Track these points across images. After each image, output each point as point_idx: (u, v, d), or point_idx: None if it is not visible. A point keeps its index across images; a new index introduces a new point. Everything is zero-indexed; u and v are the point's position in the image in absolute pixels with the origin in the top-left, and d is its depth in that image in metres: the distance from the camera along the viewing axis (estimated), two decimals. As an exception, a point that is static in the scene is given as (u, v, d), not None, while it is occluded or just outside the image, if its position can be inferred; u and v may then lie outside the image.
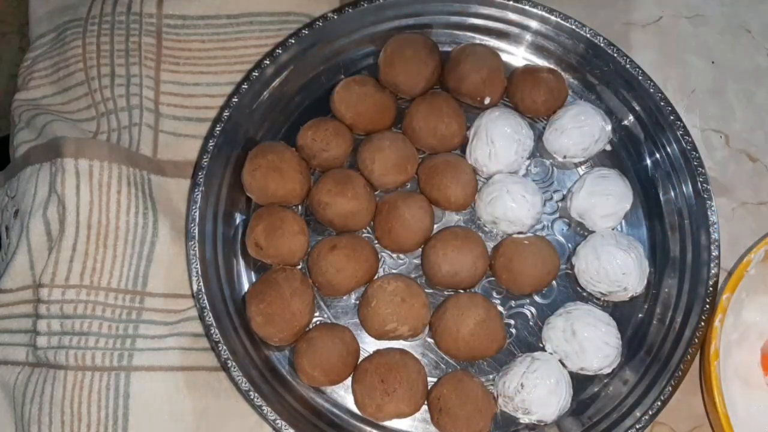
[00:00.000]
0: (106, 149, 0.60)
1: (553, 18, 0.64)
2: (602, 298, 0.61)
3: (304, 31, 0.62)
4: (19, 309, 0.59)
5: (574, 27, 0.64)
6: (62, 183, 0.58)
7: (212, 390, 0.57)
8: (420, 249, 0.61)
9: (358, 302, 0.60)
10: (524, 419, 0.57)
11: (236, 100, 0.61)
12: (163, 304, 0.59)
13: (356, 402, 0.57)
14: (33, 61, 0.67)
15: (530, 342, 0.60)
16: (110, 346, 0.56)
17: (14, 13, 1.27)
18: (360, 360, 0.58)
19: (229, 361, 0.54)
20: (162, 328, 0.58)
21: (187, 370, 0.57)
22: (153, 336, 0.57)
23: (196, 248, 0.57)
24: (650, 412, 0.55)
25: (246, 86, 0.61)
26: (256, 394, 0.54)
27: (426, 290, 0.59)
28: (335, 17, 0.63)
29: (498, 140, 0.61)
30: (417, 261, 0.61)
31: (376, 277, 0.60)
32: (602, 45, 0.63)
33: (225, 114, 0.60)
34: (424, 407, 0.57)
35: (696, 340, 0.56)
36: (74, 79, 0.65)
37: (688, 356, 0.56)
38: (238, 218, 0.62)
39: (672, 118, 0.61)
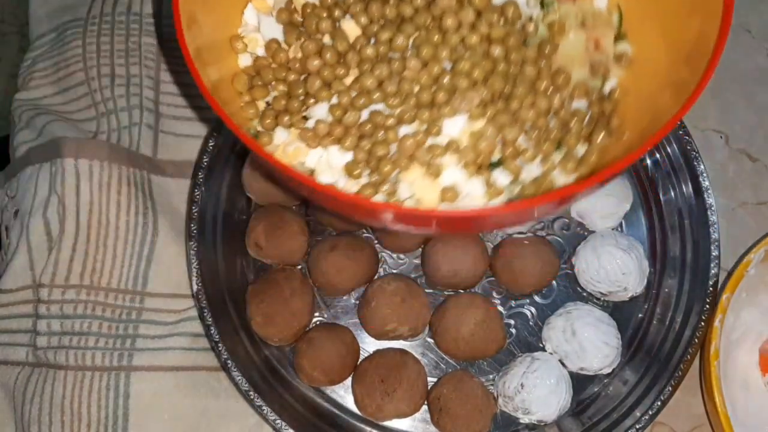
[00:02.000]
0: (106, 149, 0.60)
1: (553, 18, 0.64)
2: (602, 298, 0.61)
3: (304, 31, 0.62)
4: (19, 309, 0.59)
5: (574, 27, 0.64)
6: (62, 183, 0.58)
7: (212, 390, 0.57)
8: (420, 249, 0.61)
9: (358, 302, 0.60)
10: (524, 419, 0.57)
11: (236, 100, 0.61)
12: (163, 304, 0.59)
13: (356, 402, 0.57)
14: (33, 61, 0.67)
15: (530, 342, 0.60)
16: (110, 346, 0.56)
17: (14, 13, 1.27)
18: (360, 360, 0.58)
19: (229, 361, 0.54)
20: (162, 328, 0.58)
21: (187, 370, 0.57)
22: (153, 336, 0.57)
23: (196, 248, 0.57)
24: (650, 412, 0.55)
25: (246, 86, 0.61)
26: (256, 394, 0.54)
27: (426, 290, 0.59)
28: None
29: None
30: (417, 261, 0.61)
31: (376, 277, 0.60)
32: (602, 45, 0.63)
33: (225, 114, 0.60)
34: (424, 407, 0.57)
35: (696, 340, 0.56)
36: (74, 79, 0.65)
37: (688, 356, 0.56)
38: (238, 218, 0.62)
39: (672, 118, 0.61)
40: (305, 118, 0.48)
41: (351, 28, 0.48)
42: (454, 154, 0.46)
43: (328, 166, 0.47)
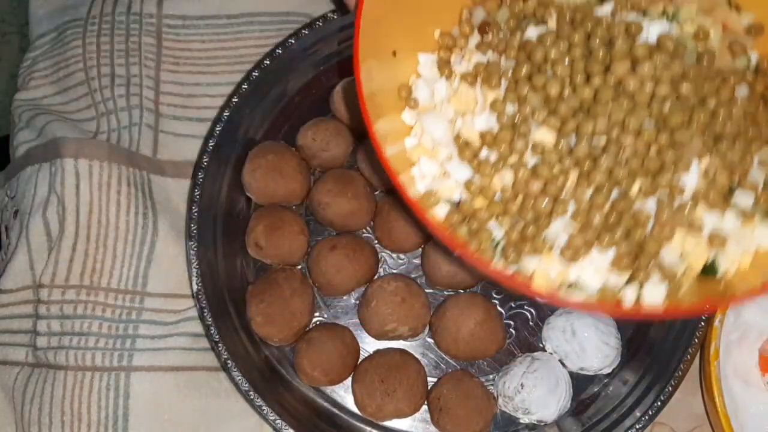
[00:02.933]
0: (105, 149, 0.60)
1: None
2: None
3: (304, 31, 0.62)
4: (19, 309, 0.59)
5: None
6: (62, 183, 0.58)
7: (212, 390, 0.57)
8: (420, 249, 0.61)
9: (358, 302, 0.60)
10: (524, 419, 0.57)
11: (236, 100, 0.61)
12: (163, 304, 0.59)
13: (356, 402, 0.57)
14: (33, 61, 0.67)
15: (530, 342, 0.60)
16: (110, 346, 0.57)
17: (14, 13, 1.27)
18: (360, 360, 0.58)
19: (229, 361, 0.54)
20: (162, 328, 0.58)
21: (187, 370, 0.57)
22: (153, 336, 0.57)
23: (196, 248, 0.57)
24: (650, 412, 0.55)
25: (246, 86, 0.61)
26: (256, 394, 0.54)
27: (426, 290, 0.59)
28: (335, 17, 0.63)
29: None
30: (417, 261, 0.61)
31: (376, 277, 0.60)
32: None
33: (225, 114, 0.60)
34: (424, 407, 0.57)
35: (696, 340, 0.56)
36: (74, 79, 0.65)
37: (688, 356, 0.56)
38: (238, 218, 0.62)
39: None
40: (544, 239, 0.45)
41: (543, 135, 0.45)
42: (702, 202, 0.44)
43: (595, 271, 0.44)
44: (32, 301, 0.58)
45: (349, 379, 0.58)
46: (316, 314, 0.60)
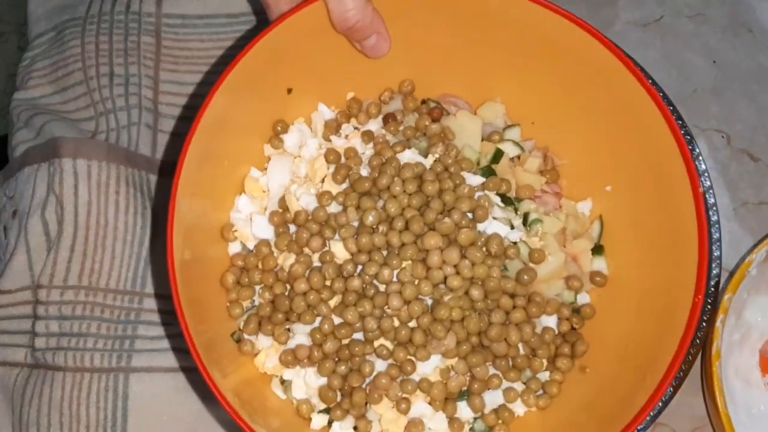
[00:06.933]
0: (104, 149, 0.60)
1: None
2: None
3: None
4: (18, 310, 0.59)
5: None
6: (60, 183, 0.58)
7: (211, 391, 0.57)
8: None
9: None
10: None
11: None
12: (161, 305, 0.58)
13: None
14: (31, 60, 0.67)
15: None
16: (109, 347, 0.56)
17: (13, 13, 1.27)
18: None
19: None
20: (160, 329, 0.58)
21: (186, 371, 0.57)
22: (152, 337, 0.57)
23: (195, 249, 0.57)
24: (651, 413, 0.54)
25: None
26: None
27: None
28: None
29: None
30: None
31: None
32: (603, 44, 0.63)
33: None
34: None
35: (697, 341, 0.56)
36: (73, 79, 0.65)
37: (690, 357, 0.55)
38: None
39: (673, 117, 0.61)
40: (287, 329, 0.48)
41: (340, 250, 0.48)
42: (424, 391, 0.47)
43: (305, 383, 0.48)
44: (31, 302, 0.58)
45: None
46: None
